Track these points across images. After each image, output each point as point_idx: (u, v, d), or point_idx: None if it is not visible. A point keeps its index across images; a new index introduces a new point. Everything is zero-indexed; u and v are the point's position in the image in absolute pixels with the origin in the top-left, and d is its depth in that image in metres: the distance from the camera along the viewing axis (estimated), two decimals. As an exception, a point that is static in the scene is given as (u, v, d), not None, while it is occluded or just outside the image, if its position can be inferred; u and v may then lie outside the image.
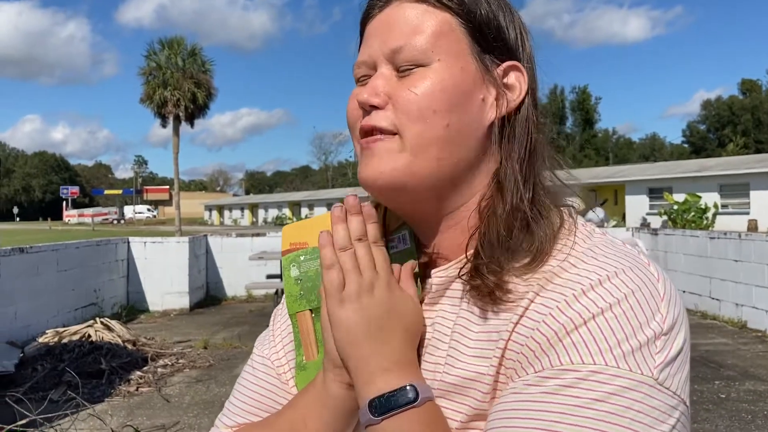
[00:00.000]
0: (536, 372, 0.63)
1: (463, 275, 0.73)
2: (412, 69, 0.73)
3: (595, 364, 0.60)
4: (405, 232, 0.81)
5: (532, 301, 0.66)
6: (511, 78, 0.76)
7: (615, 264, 0.66)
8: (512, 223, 0.71)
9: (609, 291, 0.63)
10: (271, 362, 0.87)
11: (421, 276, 0.81)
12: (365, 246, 0.74)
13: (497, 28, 0.74)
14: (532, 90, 0.77)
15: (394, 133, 0.72)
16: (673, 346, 0.63)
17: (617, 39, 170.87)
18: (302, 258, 0.87)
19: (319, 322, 0.82)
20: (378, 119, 0.73)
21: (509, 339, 0.67)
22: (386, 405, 0.67)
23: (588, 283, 0.64)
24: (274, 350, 0.88)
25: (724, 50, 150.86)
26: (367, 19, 0.78)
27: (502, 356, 0.67)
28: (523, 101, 0.75)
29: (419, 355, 0.75)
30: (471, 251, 0.73)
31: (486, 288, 0.69)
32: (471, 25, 0.73)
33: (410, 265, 0.78)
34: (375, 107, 0.73)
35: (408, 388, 0.67)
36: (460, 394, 0.70)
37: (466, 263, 0.73)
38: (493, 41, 0.74)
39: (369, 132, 0.74)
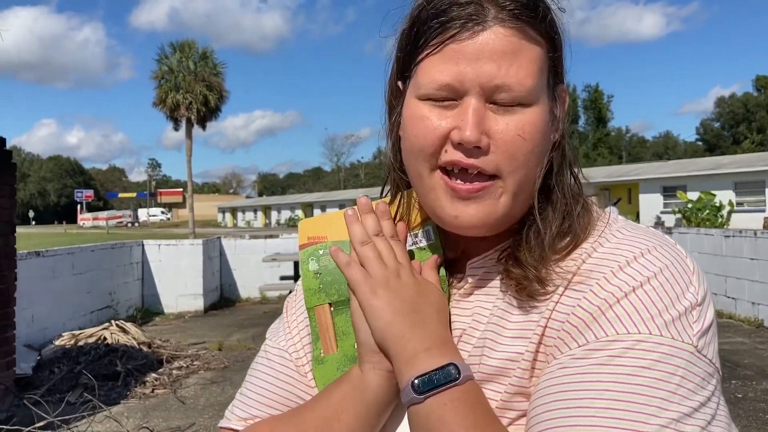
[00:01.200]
0: (581, 346, 0.65)
1: (502, 260, 0.76)
2: (513, 108, 0.71)
3: (639, 333, 0.63)
4: (429, 227, 0.82)
5: (570, 282, 0.70)
6: (563, 99, 0.79)
7: (646, 242, 0.70)
8: (559, 229, 0.74)
9: (644, 266, 0.67)
10: (289, 354, 0.86)
11: (448, 270, 0.82)
12: (383, 239, 0.77)
13: (562, 54, 0.76)
14: (568, 105, 0.81)
15: (495, 176, 0.72)
16: (707, 317, 0.67)
17: (632, 36, 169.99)
18: (321, 252, 0.87)
19: (339, 315, 0.83)
20: (484, 163, 0.71)
21: (549, 318, 0.69)
22: (429, 383, 0.68)
23: (624, 260, 0.68)
24: (291, 342, 0.87)
25: (741, 46, 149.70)
26: (455, 34, 0.70)
27: (542, 335, 0.70)
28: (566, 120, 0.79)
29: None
30: (512, 243, 0.76)
31: (526, 280, 0.71)
32: (556, 59, 0.74)
33: (433, 258, 0.80)
34: (478, 147, 0.70)
35: (450, 366, 0.69)
36: (500, 376, 0.72)
37: (504, 251, 0.76)
38: (561, 64, 0.76)
39: (464, 169, 0.72)
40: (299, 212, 68.72)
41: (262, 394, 0.85)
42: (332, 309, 0.84)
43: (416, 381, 0.68)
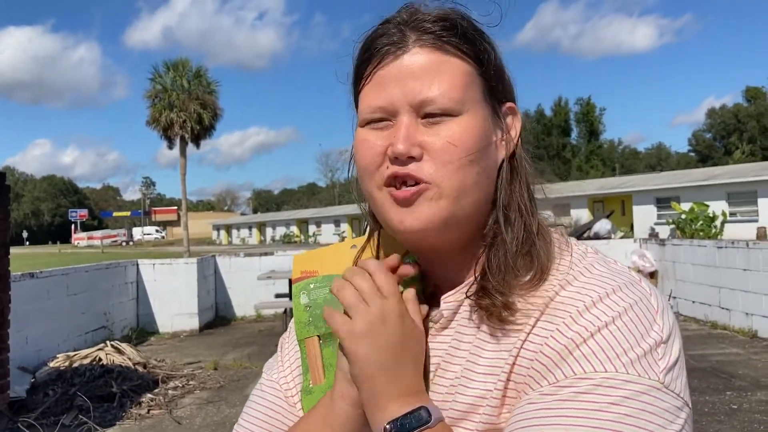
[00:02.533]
0: (551, 383, 0.67)
1: (471, 296, 0.77)
2: (441, 118, 0.75)
3: (606, 371, 0.65)
4: (410, 260, 0.84)
5: (537, 319, 0.71)
6: (509, 119, 0.81)
7: (611, 282, 0.72)
8: (518, 248, 0.76)
9: (609, 306, 0.69)
10: (280, 386, 0.90)
11: (426, 303, 0.83)
12: (363, 275, 0.77)
13: (501, 73, 0.79)
14: (522, 124, 0.82)
15: (429, 183, 0.75)
16: (672, 353, 0.69)
17: (625, 48, 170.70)
18: (312, 286, 0.90)
19: (327, 347, 0.86)
20: (417, 170, 0.74)
21: (518, 356, 0.71)
22: (401, 428, 0.70)
23: (590, 300, 0.70)
24: (282, 374, 0.91)
25: (734, 56, 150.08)
26: (380, 62, 0.77)
27: (510, 372, 0.71)
28: (519, 138, 0.81)
29: (430, 381, 0.78)
30: (478, 274, 0.77)
31: (494, 307, 0.73)
32: (486, 73, 0.77)
33: (412, 291, 0.80)
34: (412, 158, 0.75)
35: (421, 410, 0.71)
36: (472, 413, 0.73)
37: (472, 284, 0.77)
38: (500, 86, 0.79)
39: (402, 180, 0.75)
40: (294, 228, 68.62)
41: (255, 423, 0.89)
42: (321, 341, 0.87)
43: (388, 426, 0.70)
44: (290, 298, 8.56)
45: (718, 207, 29.58)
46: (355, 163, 0.82)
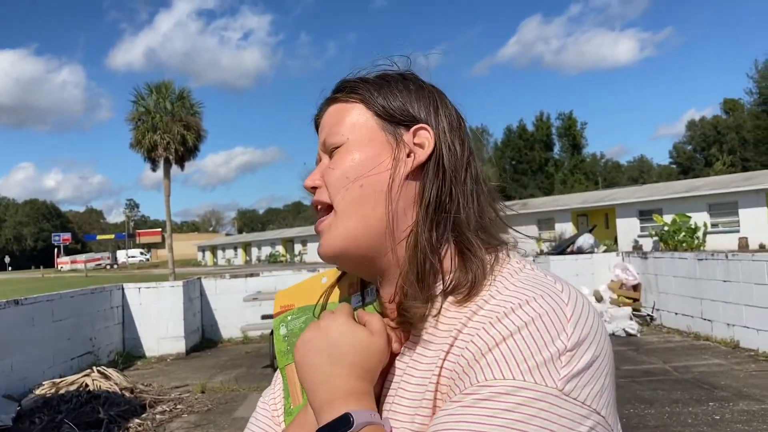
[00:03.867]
0: (461, 391, 0.72)
1: (392, 317, 0.86)
2: (334, 152, 0.90)
3: (504, 379, 0.69)
4: (373, 286, 0.93)
5: (459, 331, 0.77)
6: (422, 137, 0.88)
7: (527, 293, 0.75)
8: (421, 265, 0.82)
9: (519, 317, 0.72)
10: (269, 407, 0.99)
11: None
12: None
13: (401, 108, 0.90)
14: (449, 146, 0.88)
15: (331, 207, 0.88)
16: (581, 361, 0.70)
17: (607, 62, 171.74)
18: (289, 318, 0.99)
19: None
20: (318, 195, 0.91)
21: (442, 366, 0.77)
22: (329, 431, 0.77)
23: (502, 311, 0.74)
24: (272, 398, 1.00)
25: (714, 69, 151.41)
26: (316, 128, 0.98)
27: (438, 382, 0.77)
28: (432, 153, 0.87)
29: (387, 399, 0.83)
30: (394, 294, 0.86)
31: (408, 324, 0.83)
32: (376, 109, 0.90)
33: (376, 315, 0.87)
34: (315, 188, 0.92)
35: (346, 416, 0.76)
36: (410, 423, 0.79)
37: (395, 310, 0.85)
38: (399, 116, 0.89)
39: (316, 207, 0.92)
40: (280, 248, 68.44)
41: None
42: None
43: (319, 429, 0.77)
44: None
45: (700, 218, 29.95)
46: None
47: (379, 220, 0.85)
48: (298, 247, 65.90)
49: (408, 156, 0.87)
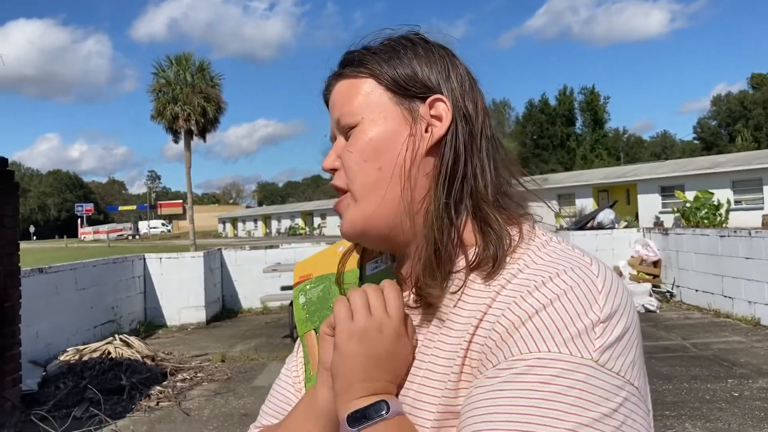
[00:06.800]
0: (494, 366, 0.72)
1: (411, 300, 0.84)
2: (350, 133, 0.88)
3: (539, 351, 0.69)
4: (387, 253, 0.94)
5: (489, 306, 0.76)
6: (439, 109, 0.86)
7: (558, 265, 0.75)
8: (439, 239, 0.81)
9: (551, 289, 0.72)
10: (291, 375, 1.01)
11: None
12: (376, 290, 0.83)
13: (413, 78, 0.87)
14: (464, 113, 0.86)
15: (347, 190, 0.88)
16: (613, 332, 0.70)
17: (636, 34, 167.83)
18: (308, 287, 1.00)
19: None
20: (336, 180, 0.90)
21: (471, 341, 0.76)
22: (361, 418, 0.77)
23: (533, 284, 0.74)
24: (294, 365, 1.01)
25: (748, 41, 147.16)
26: (326, 102, 0.95)
27: (465, 355, 0.76)
28: (450, 126, 0.85)
29: (414, 380, 0.82)
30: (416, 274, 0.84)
31: (426, 303, 0.82)
32: (387, 83, 0.87)
33: (394, 286, 0.86)
34: (334, 170, 0.91)
35: (382, 403, 0.77)
36: (432, 396, 0.78)
37: (413, 287, 0.84)
38: (412, 88, 0.87)
39: (335, 191, 0.91)
40: (299, 221, 68.75)
41: (270, 407, 1.01)
42: (317, 334, 0.95)
43: (350, 415, 0.77)
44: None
45: (723, 195, 29.53)
46: None
47: (397, 199, 0.84)
48: (317, 220, 66.16)
49: (426, 131, 0.85)
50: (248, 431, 1.01)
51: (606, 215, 15.28)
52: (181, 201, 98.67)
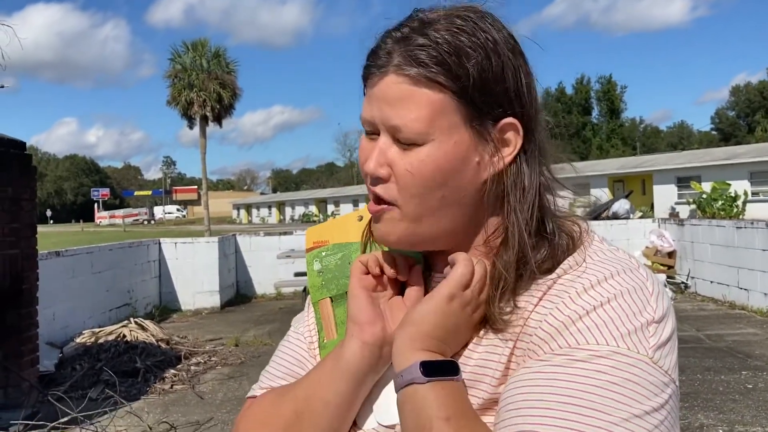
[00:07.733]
0: (546, 352, 0.74)
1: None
2: (410, 146, 0.79)
3: (598, 344, 0.72)
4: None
5: (540, 299, 0.78)
6: (507, 134, 0.81)
7: (610, 268, 0.78)
8: (516, 265, 0.79)
9: (606, 289, 0.75)
10: (303, 337, 0.99)
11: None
12: (482, 272, 0.82)
13: (491, 86, 0.78)
14: (533, 136, 0.83)
15: (393, 204, 0.81)
16: (664, 332, 0.74)
17: (656, 23, 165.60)
18: (324, 254, 0.99)
19: (338, 307, 0.95)
20: (383, 191, 0.82)
21: (520, 333, 0.78)
22: (436, 370, 0.76)
23: (588, 283, 0.76)
24: (307, 328, 0.99)
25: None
26: (368, 76, 0.83)
27: (513, 347, 0.78)
28: (519, 152, 0.81)
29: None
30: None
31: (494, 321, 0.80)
32: (464, 97, 0.78)
33: (419, 269, 0.88)
34: (380, 178, 0.81)
35: (456, 364, 0.78)
36: (479, 382, 0.79)
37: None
38: (488, 102, 0.79)
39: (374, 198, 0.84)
40: (313, 208, 68.87)
41: (280, 369, 0.97)
42: (333, 302, 0.96)
43: (426, 363, 0.76)
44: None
45: (740, 186, 29.21)
46: None
47: (453, 223, 0.82)
48: (331, 208, 66.21)
49: (493, 156, 0.80)
50: (250, 393, 0.98)
51: (621, 205, 15.19)
52: (196, 187, 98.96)
